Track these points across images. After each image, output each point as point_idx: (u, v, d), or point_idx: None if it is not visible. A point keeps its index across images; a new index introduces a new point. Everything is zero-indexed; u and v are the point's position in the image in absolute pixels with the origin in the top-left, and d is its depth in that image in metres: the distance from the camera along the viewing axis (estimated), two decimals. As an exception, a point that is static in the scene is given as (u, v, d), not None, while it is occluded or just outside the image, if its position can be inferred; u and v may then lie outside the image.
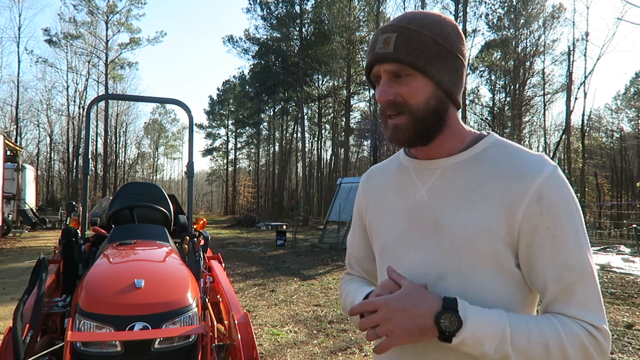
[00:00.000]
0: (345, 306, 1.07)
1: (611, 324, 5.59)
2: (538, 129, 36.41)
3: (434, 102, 0.88)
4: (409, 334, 0.79)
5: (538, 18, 28.24)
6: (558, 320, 0.80)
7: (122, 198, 3.70)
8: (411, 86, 0.87)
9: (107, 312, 2.00)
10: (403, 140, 0.90)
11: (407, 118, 0.88)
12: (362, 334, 5.09)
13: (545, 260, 0.83)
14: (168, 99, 3.91)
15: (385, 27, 0.89)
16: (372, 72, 0.92)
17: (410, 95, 0.87)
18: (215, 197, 68.61)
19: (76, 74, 38.85)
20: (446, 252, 0.88)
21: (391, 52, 0.86)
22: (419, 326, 0.78)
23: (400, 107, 0.88)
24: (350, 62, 32.69)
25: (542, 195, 0.82)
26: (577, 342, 0.78)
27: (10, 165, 17.55)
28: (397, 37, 0.86)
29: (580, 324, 0.80)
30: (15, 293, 6.72)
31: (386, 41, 0.87)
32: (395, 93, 0.88)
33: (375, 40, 0.89)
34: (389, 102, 0.88)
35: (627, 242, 14.99)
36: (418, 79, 0.87)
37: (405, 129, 0.88)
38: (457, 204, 0.88)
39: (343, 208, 14.42)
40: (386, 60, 0.87)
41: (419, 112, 0.87)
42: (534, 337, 0.78)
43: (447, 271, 0.87)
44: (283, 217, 33.62)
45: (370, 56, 0.90)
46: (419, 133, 0.89)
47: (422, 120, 0.88)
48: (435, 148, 0.93)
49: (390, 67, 0.87)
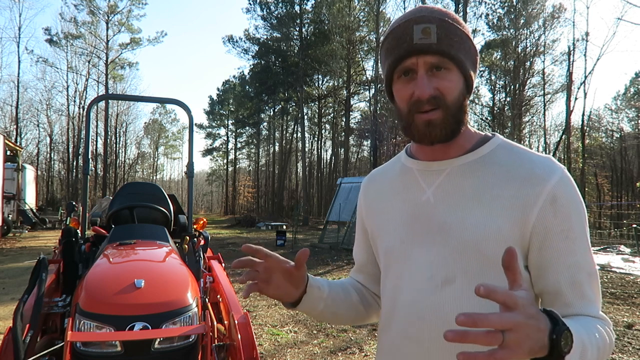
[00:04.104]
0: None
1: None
2: (538, 129, 36.42)
3: (462, 98, 0.87)
4: (531, 350, 0.61)
5: (538, 18, 28.23)
6: (589, 320, 0.80)
7: (122, 198, 3.70)
8: (448, 80, 0.84)
9: (107, 312, 2.00)
10: (439, 136, 0.86)
11: (443, 113, 0.84)
12: (362, 334, 5.09)
13: (559, 262, 0.82)
14: (168, 99, 3.91)
15: (419, 18, 0.83)
16: (402, 65, 0.85)
17: (448, 89, 0.84)
18: (215, 197, 68.60)
19: (76, 74, 38.90)
20: (454, 254, 0.86)
21: (435, 43, 0.81)
22: (540, 342, 0.62)
23: (438, 101, 0.83)
24: (350, 62, 32.69)
25: (556, 197, 0.82)
26: (606, 338, 0.79)
27: (10, 165, 17.54)
28: (438, 28, 0.82)
29: (596, 320, 0.81)
30: (15, 293, 6.71)
31: (426, 32, 0.82)
32: (435, 87, 0.83)
33: (408, 31, 0.83)
34: (430, 97, 0.83)
35: (627, 242, 14.97)
36: (454, 73, 0.84)
37: (441, 125, 0.84)
38: (465, 205, 0.86)
39: (343, 208, 14.42)
40: (429, 51, 0.82)
41: (453, 107, 0.85)
42: (593, 342, 0.75)
43: (455, 274, 0.85)
44: (283, 217, 33.60)
45: (404, 47, 0.83)
46: (453, 129, 0.86)
47: (454, 116, 0.85)
48: (444, 148, 0.91)
49: (433, 59, 0.83)
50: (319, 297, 0.99)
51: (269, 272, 0.89)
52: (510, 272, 0.64)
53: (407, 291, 0.90)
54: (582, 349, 0.69)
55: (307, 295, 0.96)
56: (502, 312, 0.60)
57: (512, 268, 0.64)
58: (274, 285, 0.90)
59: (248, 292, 0.86)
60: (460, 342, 0.57)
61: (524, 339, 0.59)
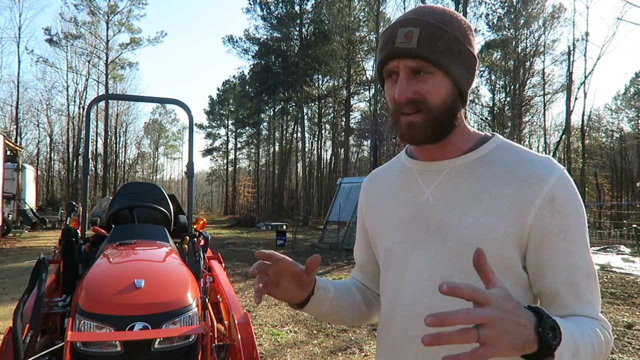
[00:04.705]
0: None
1: (611, 324, 5.58)
2: (538, 129, 36.45)
3: (450, 101, 0.86)
4: (513, 345, 0.60)
5: (538, 18, 28.25)
6: (585, 320, 0.80)
7: (122, 198, 3.70)
8: (431, 84, 0.84)
9: (107, 312, 2.01)
10: (418, 139, 0.87)
11: (424, 116, 0.85)
12: (362, 334, 5.09)
13: (557, 263, 0.82)
14: (168, 99, 3.91)
15: (405, 21, 0.84)
16: (386, 67, 0.87)
17: (429, 93, 0.84)
18: (215, 197, 68.60)
19: (76, 74, 38.91)
20: (452, 254, 0.86)
21: (414, 47, 0.82)
22: (523, 337, 0.61)
23: (418, 105, 0.84)
24: (350, 62, 32.70)
25: (554, 197, 0.82)
26: (602, 338, 0.79)
27: (10, 165, 17.54)
28: (420, 32, 0.82)
29: (593, 321, 0.81)
30: (15, 293, 6.71)
31: (408, 35, 0.82)
32: (415, 91, 0.84)
33: (393, 34, 0.84)
34: (408, 100, 0.84)
35: (627, 242, 14.98)
36: (438, 77, 0.84)
37: (422, 127, 0.85)
38: (464, 205, 0.87)
39: (343, 208, 14.42)
40: (408, 55, 0.82)
41: (436, 110, 0.85)
42: (587, 340, 0.74)
43: (454, 274, 0.86)
44: (283, 217, 33.61)
45: (387, 50, 0.85)
46: (434, 132, 0.86)
47: (437, 119, 0.85)
48: (441, 148, 0.91)
49: (412, 63, 0.83)
50: (325, 298, 0.99)
51: (279, 275, 0.90)
52: (482, 273, 0.64)
53: (407, 291, 0.91)
54: (574, 346, 0.68)
55: (315, 296, 0.97)
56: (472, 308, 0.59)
57: (482, 268, 0.64)
58: (282, 288, 0.91)
59: (259, 297, 0.86)
60: (437, 345, 0.56)
61: (501, 334, 0.58)
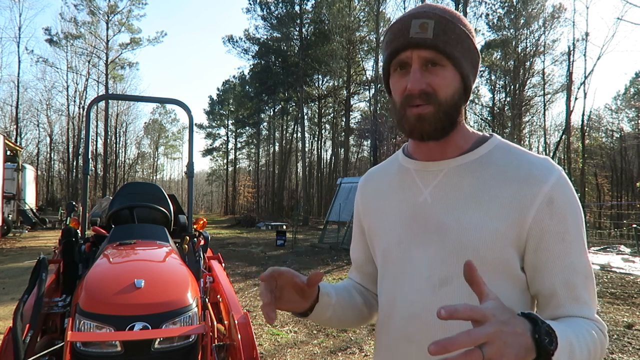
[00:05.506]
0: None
1: (611, 324, 5.59)
2: (538, 129, 36.44)
3: (457, 96, 0.86)
4: (516, 356, 0.60)
5: (538, 18, 28.24)
6: (580, 322, 0.80)
7: (122, 198, 3.70)
8: (442, 77, 0.84)
9: (107, 312, 2.01)
10: (427, 131, 0.86)
11: (434, 109, 0.84)
12: (362, 334, 5.09)
13: (555, 264, 0.83)
14: (168, 99, 3.91)
15: (418, 13, 0.84)
16: (398, 58, 0.86)
17: (441, 86, 0.84)
18: (215, 197, 68.59)
19: (76, 74, 38.91)
20: (451, 255, 0.86)
21: (430, 38, 0.82)
22: (523, 346, 0.61)
23: (429, 97, 0.84)
24: (350, 62, 32.70)
25: (553, 199, 0.82)
26: (597, 339, 0.79)
27: (10, 165, 17.54)
28: (435, 24, 0.82)
29: (588, 322, 0.81)
30: (15, 293, 6.71)
31: (423, 26, 0.82)
32: (427, 83, 0.83)
33: (406, 25, 0.84)
34: (421, 91, 0.83)
35: (627, 242, 14.98)
36: (448, 70, 0.84)
37: (432, 119, 0.84)
38: (463, 206, 0.86)
39: (343, 208, 14.42)
40: (424, 45, 0.82)
41: (446, 104, 0.85)
42: (582, 342, 0.74)
43: (452, 274, 0.85)
44: (283, 217, 33.60)
45: (400, 40, 0.84)
46: (443, 126, 0.86)
47: (446, 113, 0.85)
48: (442, 146, 0.91)
49: (426, 54, 0.83)
50: (328, 304, 0.99)
51: (281, 289, 0.89)
52: (474, 285, 0.64)
53: (405, 291, 0.91)
54: (570, 349, 0.69)
55: (319, 304, 0.96)
56: (472, 328, 0.59)
57: (474, 280, 0.64)
58: (285, 299, 0.90)
59: (269, 315, 0.81)
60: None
61: (503, 348, 0.58)
